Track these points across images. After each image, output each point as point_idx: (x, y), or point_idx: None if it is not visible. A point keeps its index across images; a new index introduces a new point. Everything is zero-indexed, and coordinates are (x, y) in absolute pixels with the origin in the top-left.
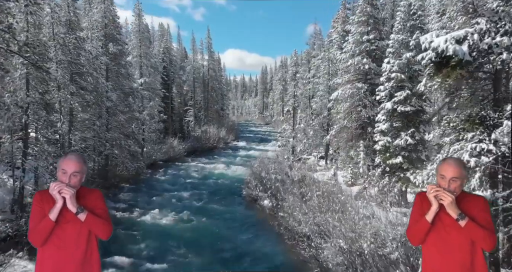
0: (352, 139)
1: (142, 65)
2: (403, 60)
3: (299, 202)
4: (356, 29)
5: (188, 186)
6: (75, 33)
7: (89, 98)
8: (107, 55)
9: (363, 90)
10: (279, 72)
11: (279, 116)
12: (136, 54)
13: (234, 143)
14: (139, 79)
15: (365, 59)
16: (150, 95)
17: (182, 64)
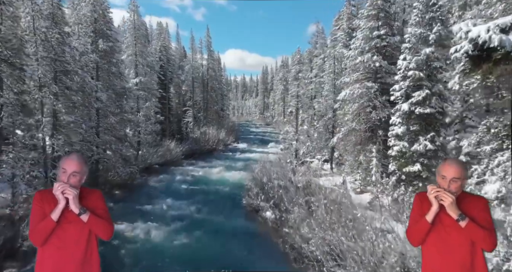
0: (361, 142)
1: (138, 64)
2: (421, 57)
3: (305, 214)
4: (366, 24)
5: (184, 194)
6: (60, 28)
7: (76, 98)
8: (96, 52)
9: (373, 89)
10: (280, 72)
11: (280, 117)
12: (131, 52)
13: (234, 144)
14: (134, 79)
15: (375, 56)
16: (146, 96)
17: (180, 63)
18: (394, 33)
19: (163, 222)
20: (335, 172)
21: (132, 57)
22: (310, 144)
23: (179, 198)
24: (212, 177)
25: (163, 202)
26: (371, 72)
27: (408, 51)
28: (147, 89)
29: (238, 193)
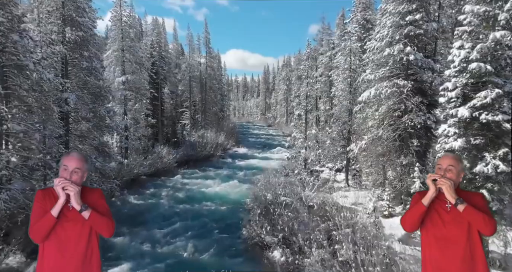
0: (387, 153)
1: (125, 61)
2: (487, 44)
3: (325, 253)
4: (395, 7)
5: (168, 217)
6: (8, 11)
7: (31, 100)
8: (64, 43)
9: (406, 89)
10: (283, 71)
11: (282, 118)
12: (117, 47)
13: (234, 149)
14: (120, 77)
15: (408, 47)
16: (135, 96)
17: (177, 61)
18: (431, 19)
19: (136, 259)
20: (351, 185)
21: (118, 53)
22: (321, 152)
23: (161, 225)
24: (206, 192)
25: (140, 228)
26: (402, 67)
27: (467, 37)
28: (135, 88)
29: (236, 217)
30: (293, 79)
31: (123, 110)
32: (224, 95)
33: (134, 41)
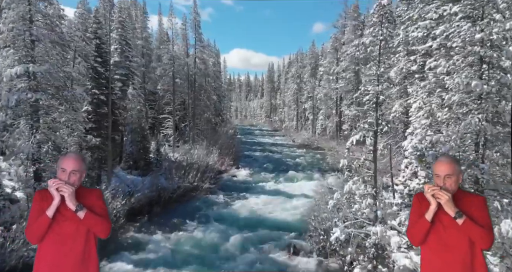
0: None
1: (33, 39)
2: None
3: None
4: None
5: None
6: None
7: None
8: None
9: None
10: (293, 67)
11: (291, 122)
12: (18, 13)
13: (231, 171)
14: (12, 68)
15: None
16: (48, 103)
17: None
18: None
19: None
20: None
21: (17, 24)
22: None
23: None
24: None
25: None
26: None
27: None
28: (52, 88)
29: None
30: (305, 77)
31: (29, 126)
32: (223, 96)
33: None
